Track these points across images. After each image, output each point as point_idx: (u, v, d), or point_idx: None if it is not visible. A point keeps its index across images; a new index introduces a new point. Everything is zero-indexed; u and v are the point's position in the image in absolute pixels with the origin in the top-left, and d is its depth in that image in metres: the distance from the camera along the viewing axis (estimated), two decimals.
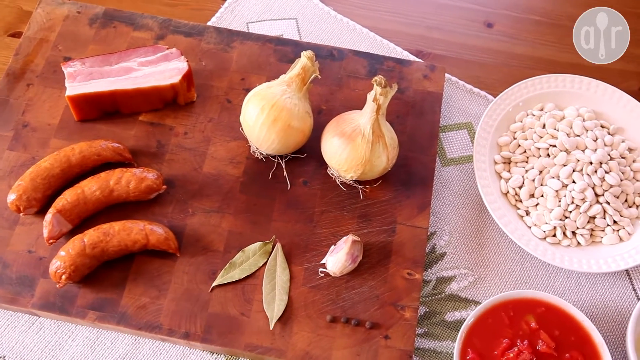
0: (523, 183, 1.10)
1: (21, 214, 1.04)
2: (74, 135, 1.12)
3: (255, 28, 1.28)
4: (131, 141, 1.12)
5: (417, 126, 1.15)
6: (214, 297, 1.01)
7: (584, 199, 1.06)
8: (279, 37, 1.24)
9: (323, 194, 1.09)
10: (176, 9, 1.31)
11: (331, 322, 1.00)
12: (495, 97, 1.19)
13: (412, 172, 1.12)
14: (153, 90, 1.10)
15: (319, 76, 1.07)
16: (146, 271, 1.02)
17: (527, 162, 1.12)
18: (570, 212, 1.07)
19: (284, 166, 1.11)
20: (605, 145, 1.10)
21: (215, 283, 1.02)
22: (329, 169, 1.10)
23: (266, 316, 1.00)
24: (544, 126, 1.14)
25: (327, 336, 0.99)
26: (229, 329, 0.99)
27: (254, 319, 1.00)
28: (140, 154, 1.11)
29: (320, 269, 1.03)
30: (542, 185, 1.09)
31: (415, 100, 1.18)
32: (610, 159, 1.09)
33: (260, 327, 0.99)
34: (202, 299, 1.01)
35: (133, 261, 1.03)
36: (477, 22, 1.33)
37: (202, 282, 1.02)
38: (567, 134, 1.11)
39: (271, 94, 1.04)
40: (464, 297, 1.06)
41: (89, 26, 1.21)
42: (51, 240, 1.01)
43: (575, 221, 1.06)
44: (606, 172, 1.07)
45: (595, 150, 1.09)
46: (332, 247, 1.03)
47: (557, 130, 1.12)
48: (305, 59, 1.05)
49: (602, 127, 1.15)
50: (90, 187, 1.02)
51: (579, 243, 1.07)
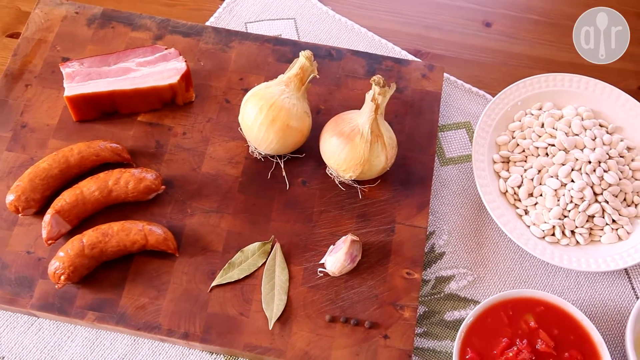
0: (522, 182, 1.10)
1: (20, 215, 1.04)
2: (72, 135, 1.12)
3: (253, 28, 1.28)
4: (130, 141, 1.12)
5: (416, 126, 1.15)
6: (213, 297, 1.01)
7: (582, 198, 1.06)
8: (277, 37, 1.24)
9: (322, 193, 1.09)
10: (174, 9, 1.31)
11: (330, 322, 1.00)
12: (493, 97, 1.19)
13: (410, 171, 1.12)
14: (151, 90, 1.10)
15: (318, 76, 1.07)
16: (145, 271, 1.02)
17: (525, 161, 1.12)
18: (569, 211, 1.07)
19: (282, 166, 1.11)
20: (603, 144, 1.10)
21: (214, 283, 1.01)
22: (327, 168, 1.10)
23: (265, 316, 1.00)
24: (542, 125, 1.14)
25: (326, 336, 0.99)
26: (228, 329, 0.99)
27: (253, 319, 1.00)
28: (138, 155, 1.11)
29: (319, 269, 1.03)
30: (540, 184, 1.09)
31: (413, 99, 1.18)
32: (609, 158, 1.09)
33: (259, 327, 0.99)
34: (201, 299, 1.01)
35: (132, 261, 1.03)
36: (475, 21, 1.33)
37: (201, 282, 1.02)
38: (566, 133, 1.11)
39: (270, 94, 1.04)
40: (463, 296, 1.06)
41: (87, 26, 1.21)
42: (50, 241, 1.01)
43: (574, 220, 1.06)
44: (605, 171, 1.07)
45: (594, 149, 1.09)
46: (331, 247, 1.03)
47: (556, 130, 1.12)
48: (303, 58, 1.04)
49: (600, 126, 1.15)
50: (89, 188, 1.02)
51: (577, 242, 1.07)
